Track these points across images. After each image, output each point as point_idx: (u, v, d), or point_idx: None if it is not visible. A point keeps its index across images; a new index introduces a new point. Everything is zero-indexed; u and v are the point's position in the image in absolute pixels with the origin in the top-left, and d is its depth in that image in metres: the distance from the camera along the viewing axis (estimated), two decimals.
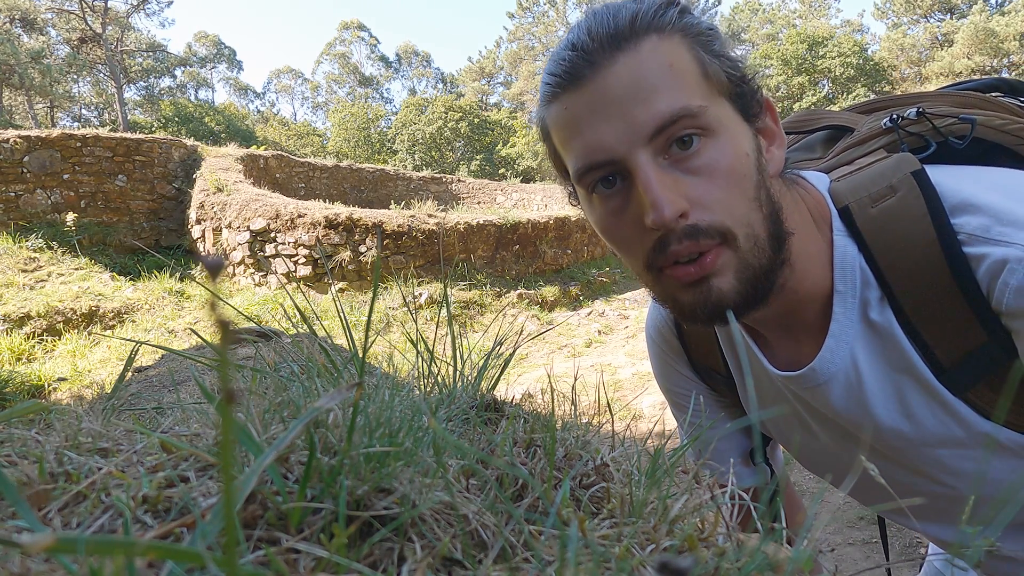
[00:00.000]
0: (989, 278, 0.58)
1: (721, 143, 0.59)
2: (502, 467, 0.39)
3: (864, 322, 0.66)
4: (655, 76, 0.57)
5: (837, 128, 0.84)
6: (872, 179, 0.66)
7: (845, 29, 36.34)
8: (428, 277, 7.94)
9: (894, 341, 0.64)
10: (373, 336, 0.45)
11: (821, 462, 0.82)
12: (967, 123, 0.70)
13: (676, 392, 0.93)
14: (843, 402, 0.69)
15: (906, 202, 0.63)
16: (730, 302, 0.61)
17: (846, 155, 0.77)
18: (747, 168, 0.60)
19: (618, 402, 4.59)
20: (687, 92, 0.57)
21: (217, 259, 0.20)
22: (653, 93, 0.57)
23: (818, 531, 0.34)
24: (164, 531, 0.30)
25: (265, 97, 50.63)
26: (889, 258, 0.63)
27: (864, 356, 0.66)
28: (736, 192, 0.59)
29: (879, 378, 0.66)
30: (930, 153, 0.70)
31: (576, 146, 0.61)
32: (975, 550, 0.32)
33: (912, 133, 0.73)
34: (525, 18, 40.16)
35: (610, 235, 0.64)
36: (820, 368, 0.68)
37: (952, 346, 0.62)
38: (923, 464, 0.69)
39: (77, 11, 28.13)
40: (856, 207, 0.65)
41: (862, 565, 2.53)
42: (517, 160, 29.09)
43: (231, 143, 13.27)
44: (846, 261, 0.65)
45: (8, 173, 8.25)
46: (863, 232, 0.65)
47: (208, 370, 1.75)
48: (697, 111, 0.57)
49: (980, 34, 26.08)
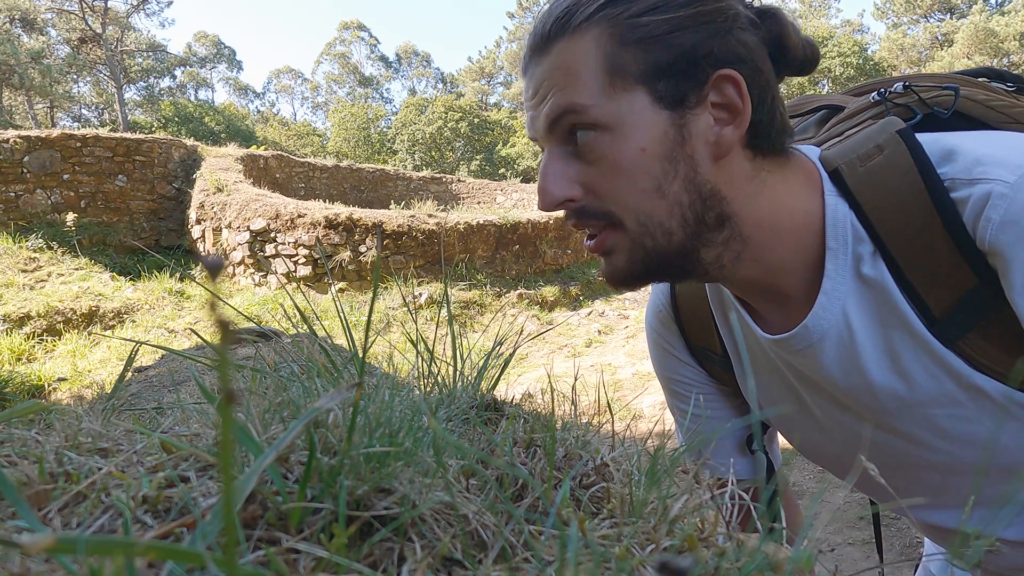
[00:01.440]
0: (974, 217, 0.59)
1: (611, 137, 0.62)
2: (502, 467, 0.39)
3: (857, 278, 0.67)
4: (553, 76, 0.64)
5: (831, 109, 0.86)
6: (860, 142, 0.68)
7: (845, 29, 36.36)
8: (428, 277, 7.94)
9: (886, 294, 0.65)
10: (373, 336, 0.45)
11: (819, 446, 0.82)
12: (950, 91, 0.73)
13: (673, 380, 0.93)
14: (835, 362, 0.69)
15: (893, 158, 0.65)
16: (625, 275, 0.67)
17: (836, 129, 0.79)
18: (641, 161, 0.63)
19: (618, 402, 4.59)
20: (575, 91, 0.62)
21: (217, 259, 0.20)
22: (549, 91, 0.64)
23: (818, 531, 0.34)
24: (164, 531, 0.30)
25: (265, 97, 50.67)
26: (880, 212, 0.65)
27: (856, 312, 0.67)
28: (623, 183, 0.63)
29: (871, 334, 0.67)
30: (917, 122, 0.73)
31: None
32: (975, 550, 0.32)
33: (899, 104, 0.76)
34: (525, 18, 40.16)
35: None
36: (812, 325, 0.68)
37: (944, 293, 0.63)
38: (917, 428, 0.69)
39: (77, 11, 28.13)
40: (846, 168, 0.67)
41: (862, 565, 2.53)
42: (517, 160, 29.10)
43: (231, 143, 13.27)
44: (837, 219, 0.67)
45: (8, 173, 8.25)
46: (853, 190, 0.66)
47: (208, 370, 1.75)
48: (580, 108, 0.62)
49: (980, 34, 26.08)
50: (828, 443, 0.79)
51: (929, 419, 0.68)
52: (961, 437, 0.67)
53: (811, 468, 3.51)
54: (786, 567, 0.32)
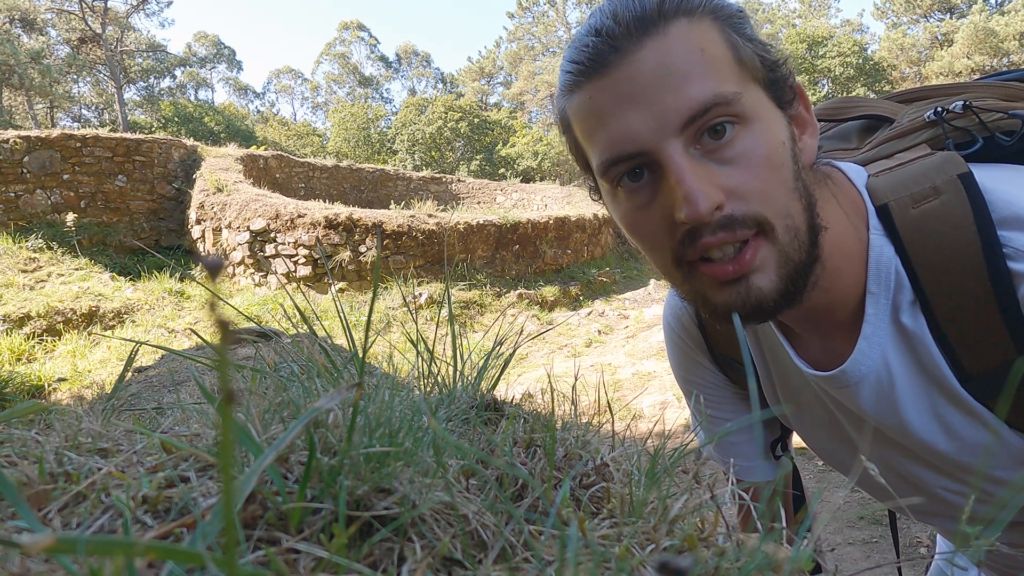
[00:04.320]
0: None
1: (756, 131, 0.56)
2: (502, 467, 0.39)
3: (895, 325, 0.64)
4: (686, 62, 0.54)
5: (874, 117, 0.81)
6: (914, 178, 0.63)
7: (845, 29, 36.34)
8: (428, 277, 7.94)
9: (924, 346, 0.63)
10: (373, 336, 0.45)
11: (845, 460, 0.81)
12: (1016, 119, 0.67)
13: (693, 382, 0.91)
14: (873, 404, 0.68)
15: (950, 207, 0.60)
16: (770, 301, 0.58)
17: (885, 147, 0.74)
18: (783, 157, 0.57)
19: (618, 402, 4.58)
20: (720, 78, 0.55)
21: (217, 259, 0.20)
22: (684, 80, 0.54)
23: (818, 530, 0.34)
24: (164, 531, 0.30)
25: (265, 97, 50.63)
26: (927, 263, 0.61)
27: (895, 359, 0.65)
28: (774, 181, 0.56)
29: (911, 382, 0.65)
30: (976, 149, 0.68)
31: (601, 138, 0.58)
32: (974, 551, 0.33)
33: (957, 127, 0.70)
34: (525, 18, 40.16)
35: (636, 230, 0.62)
36: (852, 370, 0.66)
37: (981, 358, 0.61)
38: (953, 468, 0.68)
39: (77, 11, 28.13)
40: (896, 206, 0.63)
41: (862, 565, 2.53)
42: (517, 160, 29.09)
43: (231, 143, 13.27)
44: (881, 262, 0.63)
45: (8, 173, 8.25)
46: (901, 233, 0.62)
47: (208, 370, 1.75)
48: (732, 98, 0.54)
49: (980, 34, 26.07)
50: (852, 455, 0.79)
51: (964, 465, 0.67)
52: (994, 480, 0.66)
53: (811, 468, 3.51)
54: (786, 567, 0.32)
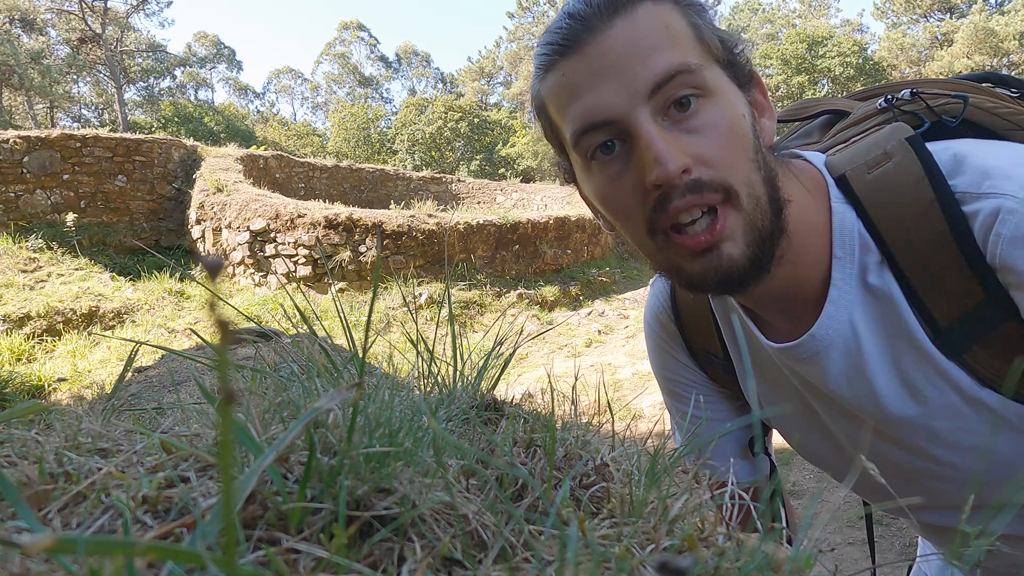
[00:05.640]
0: (984, 232, 0.58)
1: (719, 103, 0.60)
2: (502, 467, 0.39)
3: (863, 287, 0.66)
4: (652, 36, 0.58)
5: (834, 113, 0.86)
6: (868, 148, 0.67)
7: (844, 29, 36.35)
8: (428, 277, 7.94)
9: (893, 304, 0.65)
10: (373, 336, 0.45)
11: (820, 451, 0.82)
12: (959, 99, 0.72)
13: (672, 380, 0.92)
14: (841, 372, 0.69)
15: (903, 166, 0.63)
16: (740, 268, 0.61)
17: (841, 135, 0.79)
18: (744, 128, 0.61)
19: (618, 402, 4.59)
20: (683, 51, 0.58)
21: (216, 259, 0.20)
22: (651, 51, 0.58)
23: (818, 530, 0.34)
24: (164, 531, 0.30)
25: (265, 97, 50.65)
26: (888, 221, 0.64)
27: (863, 321, 0.66)
28: (736, 150, 0.59)
29: (877, 343, 0.66)
30: (924, 130, 0.71)
31: (574, 110, 0.61)
32: (975, 550, 0.32)
33: (906, 111, 0.74)
34: (525, 18, 40.16)
35: (609, 202, 0.64)
36: (819, 334, 0.68)
37: (951, 306, 0.62)
38: (919, 439, 0.69)
39: (77, 11, 28.12)
40: (853, 174, 0.66)
41: (862, 565, 2.53)
42: (517, 160, 29.09)
43: (231, 143, 13.29)
44: (844, 226, 0.66)
45: (8, 173, 8.25)
46: (861, 198, 0.65)
47: (208, 370, 1.75)
48: (694, 68, 0.58)
49: (980, 34, 26.08)
50: (829, 447, 0.79)
51: (932, 430, 0.67)
52: (963, 447, 0.67)
53: (811, 468, 3.52)
54: (786, 567, 0.32)
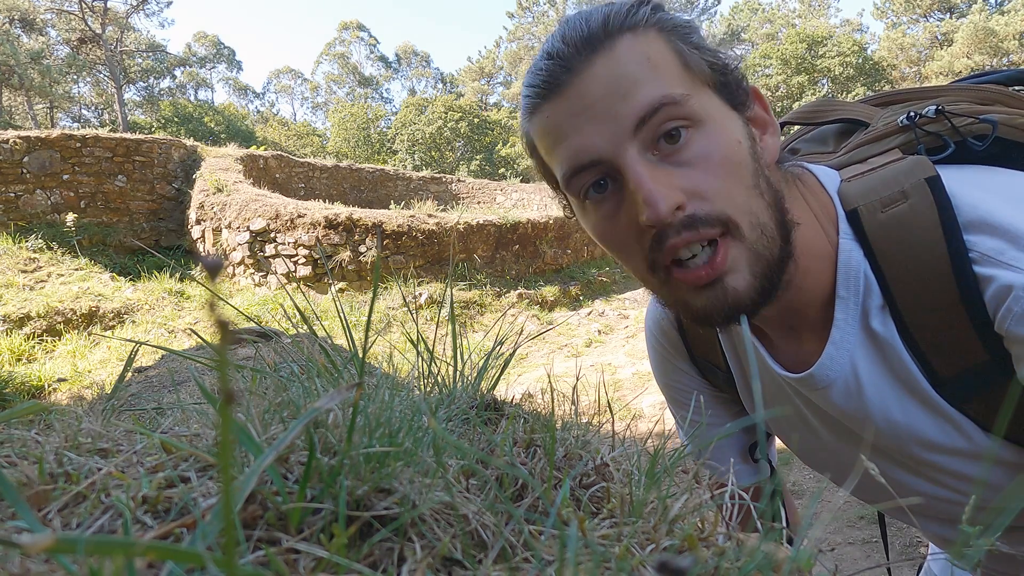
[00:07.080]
0: (996, 301, 0.57)
1: (710, 132, 0.58)
2: (502, 467, 0.39)
3: (864, 330, 0.65)
4: (634, 70, 0.56)
5: (851, 121, 0.82)
6: (884, 182, 0.64)
7: (844, 28, 36.35)
8: (428, 277, 7.94)
9: (894, 351, 0.63)
10: (373, 336, 0.45)
11: (821, 459, 0.82)
12: (988, 124, 0.68)
13: (674, 388, 0.92)
14: (842, 404, 0.68)
15: (918, 210, 0.61)
16: (746, 300, 0.59)
17: (859, 152, 0.75)
18: (741, 155, 0.58)
19: (618, 402, 4.58)
20: (667, 81, 0.57)
21: (216, 259, 0.20)
22: (633, 86, 0.56)
23: (818, 530, 0.34)
24: (164, 531, 0.30)
25: (265, 97, 50.60)
26: (895, 267, 0.62)
27: (864, 364, 0.65)
28: (733, 180, 0.57)
29: (879, 386, 0.65)
30: (948, 154, 0.68)
31: (561, 152, 0.60)
32: (975, 551, 0.32)
33: (930, 132, 0.70)
34: (525, 18, 40.15)
35: (607, 241, 0.63)
36: (819, 375, 0.67)
37: (951, 361, 0.61)
38: (924, 466, 0.68)
39: (77, 12, 28.12)
40: (865, 211, 0.63)
41: (862, 565, 2.53)
42: (517, 160, 29.09)
43: (231, 143, 13.28)
44: (850, 267, 0.64)
45: (8, 173, 8.24)
46: (870, 238, 0.63)
47: (208, 370, 1.75)
48: (680, 99, 0.56)
49: (979, 33, 26.08)
50: (828, 453, 0.79)
51: (936, 462, 0.67)
52: (970, 479, 0.67)
53: (810, 468, 3.52)
54: (785, 567, 0.32)
